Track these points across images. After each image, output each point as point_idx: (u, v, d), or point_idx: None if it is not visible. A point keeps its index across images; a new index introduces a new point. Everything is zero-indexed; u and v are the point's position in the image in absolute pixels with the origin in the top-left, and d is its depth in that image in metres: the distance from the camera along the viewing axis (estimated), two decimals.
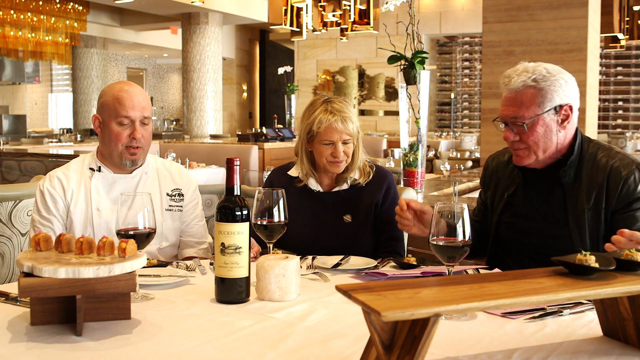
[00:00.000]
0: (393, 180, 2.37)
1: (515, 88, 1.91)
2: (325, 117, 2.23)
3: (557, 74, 1.92)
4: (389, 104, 15.00)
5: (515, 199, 2.06)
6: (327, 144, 2.25)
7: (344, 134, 2.23)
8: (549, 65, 1.95)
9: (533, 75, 1.90)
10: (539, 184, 2.02)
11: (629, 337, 1.28)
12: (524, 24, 4.81)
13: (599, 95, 9.38)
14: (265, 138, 7.56)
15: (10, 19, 12.11)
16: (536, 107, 1.90)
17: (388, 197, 2.32)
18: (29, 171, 6.44)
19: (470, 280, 1.20)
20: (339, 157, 2.24)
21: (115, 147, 2.16)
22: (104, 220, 2.17)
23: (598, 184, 1.91)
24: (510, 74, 1.95)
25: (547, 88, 1.90)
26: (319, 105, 2.27)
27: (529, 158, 1.96)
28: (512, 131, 1.94)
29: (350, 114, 2.26)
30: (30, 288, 1.33)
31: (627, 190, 1.89)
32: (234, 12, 12.98)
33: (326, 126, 2.23)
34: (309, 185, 2.33)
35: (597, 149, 1.98)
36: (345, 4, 8.78)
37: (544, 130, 1.91)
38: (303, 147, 2.32)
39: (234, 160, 1.61)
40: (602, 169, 1.92)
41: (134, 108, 2.13)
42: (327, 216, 2.29)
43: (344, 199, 2.31)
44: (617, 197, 1.89)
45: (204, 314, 1.49)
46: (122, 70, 18.50)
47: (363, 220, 2.29)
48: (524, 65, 1.95)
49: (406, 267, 1.95)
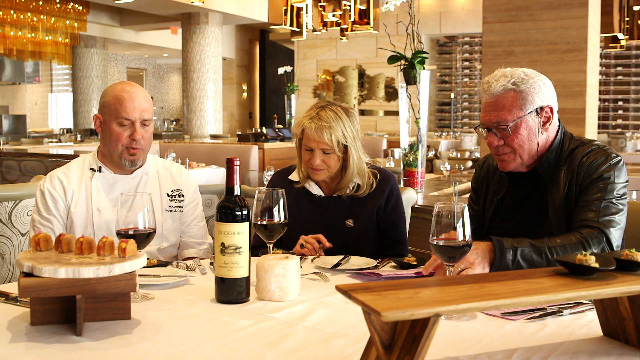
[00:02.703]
0: (396, 183, 2.35)
1: (496, 92, 1.92)
2: (305, 121, 2.21)
3: (535, 77, 1.94)
4: (389, 104, 15.00)
5: (504, 203, 2.07)
6: (307, 149, 2.23)
7: (321, 143, 2.18)
8: (526, 69, 1.96)
9: (512, 79, 1.91)
10: (525, 186, 2.04)
11: (629, 337, 1.28)
12: (524, 24, 4.81)
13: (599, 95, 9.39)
14: (265, 138, 7.56)
15: (10, 19, 12.11)
16: (518, 110, 1.91)
17: (391, 201, 2.31)
18: (29, 171, 6.44)
19: (470, 280, 1.20)
20: (314, 165, 2.21)
21: (115, 147, 2.16)
22: (104, 221, 2.18)
23: (571, 176, 1.93)
24: (489, 80, 1.96)
25: (527, 90, 1.91)
26: (312, 110, 2.25)
27: (514, 162, 1.97)
28: (495, 136, 1.94)
29: (333, 123, 2.17)
30: (30, 288, 1.33)
31: (589, 173, 1.90)
32: (234, 12, 12.99)
33: (304, 132, 2.22)
34: (310, 190, 2.32)
35: (577, 145, 1.99)
36: (345, 4, 8.78)
37: (528, 133, 1.93)
38: (298, 150, 2.32)
39: (234, 160, 1.61)
40: (576, 162, 1.94)
41: (135, 109, 2.13)
42: (329, 220, 2.28)
43: (345, 204, 2.30)
44: (580, 181, 1.91)
45: (204, 314, 1.49)
46: (122, 70, 18.50)
47: (366, 225, 2.28)
48: (501, 71, 1.96)
49: (406, 267, 1.95)
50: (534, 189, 2.02)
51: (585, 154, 1.94)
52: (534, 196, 2.01)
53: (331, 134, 2.17)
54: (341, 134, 2.19)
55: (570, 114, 4.64)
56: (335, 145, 2.18)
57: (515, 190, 2.05)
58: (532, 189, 2.02)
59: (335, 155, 2.21)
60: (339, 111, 2.22)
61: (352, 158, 2.23)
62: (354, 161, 2.24)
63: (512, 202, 2.05)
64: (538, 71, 1.99)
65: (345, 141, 2.20)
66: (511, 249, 1.73)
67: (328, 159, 2.21)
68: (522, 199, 2.04)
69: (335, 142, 2.18)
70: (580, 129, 4.62)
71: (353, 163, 2.24)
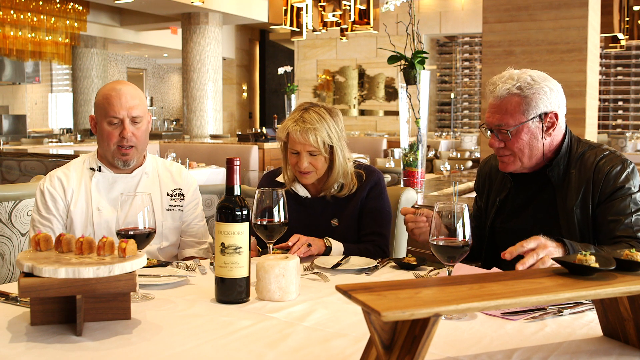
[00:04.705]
0: (380, 179, 2.34)
1: (500, 96, 1.91)
2: (290, 125, 2.21)
3: (542, 82, 1.92)
4: (389, 104, 15.00)
5: (507, 203, 2.07)
6: (293, 152, 2.23)
7: (307, 145, 2.18)
8: (535, 72, 1.94)
9: (518, 83, 1.90)
10: (529, 186, 2.03)
11: (629, 337, 1.28)
12: (524, 24, 4.81)
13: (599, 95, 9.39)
14: (265, 138, 7.56)
15: (10, 19, 12.12)
16: (520, 115, 1.90)
17: (372, 194, 2.30)
18: (29, 171, 6.44)
19: (470, 280, 1.20)
20: (301, 168, 2.21)
21: (107, 146, 2.16)
22: (104, 220, 2.18)
23: (585, 182, 1.92)
24: (495, 80, 1.95)
25: (532, 96, 1.90)
26: (295, 112, 2.25)
27: (514, 165, 1.97)
28: (497, 138, 1.94)
29: (317, 125, 2.17)
30: (30, 288, 1.33)
31: (608, 183, 1.90)
32: (234, 12, 12.99)
33: (289, 135, 2.22)
34: (296, 191, 2.32)
35: (586, 148, 1.98)
36: (345, 4, 8.78)
37: (529, 138, 1.92)
38: (283, 154, 2.32)
39: (234, 160, 1.61)
40: (589, 166, 1.93)
41: (122, 107, 2.12)
42: (315, 221, 2.29)
43: (331, 204, 2.31)
44: (599, 190, 1.91)
45: (204, 314, 1.49)
46: (122, 70, 18.50)
47: (350, 223, 2.29)
48: (509, 72, 1.95)
49: (406, 267, 1.95)
50: (539, 190, 2.01)
51: (600, 159, 1.92)
52: (541, 198, 2.00)
53: (316, 136, 2.18)
54: (326, 134, 2.20)
55: (570, 114, 4.61)
56: (321, 147, 2.19)
57: (519, 190, 2.05)
58: (537, 190, 2.01)
59: (321, 156, 2.22)
60: (323, 112, 2.22)
61: (337, 158, 2.24)
62: (340, 161, 2.25)
63: (516, 203, 2.05)
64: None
65: (331, 142, 2.22)
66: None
67: (315, 160, 2.22)
68: (526, 199, 2.03)
69: (321, 143, 2.19)
70: (580, 129, 4.61)
71: (339, 163, 2.25)
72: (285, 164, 2.33)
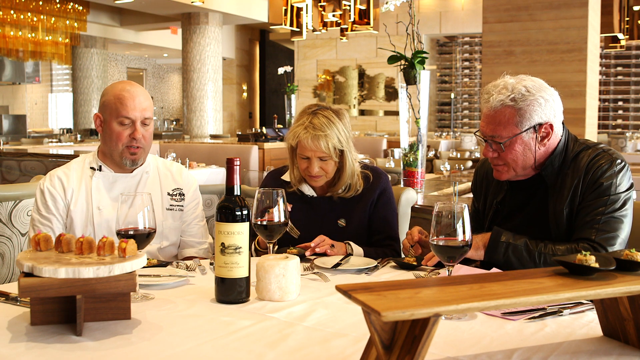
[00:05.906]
0: (387, 182, 2.35)
1: (494, 107, 1.89)
2: (300, 132, 2.19)
3: (537, 93, 1.88)
4: (389, 104, 15.00)
5: (503, 205, 2.06)
6: (303, 157, 2.23)
7: (318, 152, 2.18)
8: (530, 82, 1.90)
9: (512, 94, 1.87)
10: (525, 188, 2.02)
11: (629, 337, 1.28)
12: (524, 24, 4.81)
13: (599, 95, 9.39)
14: (265, 138, 7.56)
15: (10, 19, 12.12)
16: (514, 127, 1.88)
17: (382, 198, 2.32)
18: (29, 171, 6.44)
19: (470, 280, 1.20)
20: (312, 173, 2.22)
21: (115, 146, 2.16)
22: (104, 219, 2.18)
23: (576, 183, 1.90)
24: (490, 90, 1.92)
25: (526, 108, 1.87)
26: (303, 117, 2.23)
27: (508, 174, 1.96)
28: (490, 148, 1.93)
29: (328, 131, 2.17)
30: (30, 288, 1.33)
31: (593, 182, 1.88)
32: (234, 12, 12.99)
33: (299, 142, 2.21)
34: (302, 190, 2.32)
35: (582, 148, 1.96)
36: (345, 4, 8.79)
37: (523, 149, 1.90)
38: (290, 155, 2.31)
39: (234, 160, 1.61)
40: (581, 167, 1.91)
41: (135, 109, 2.13)
42: (321, 221, 2.29)
43: (338, 204, 2.31)
44: (585, 190, 1.89)
45: (204, 314, 1.49)
46: (122, 70, 18.50)
47: (358, 225, 2.29)
48: (504, 82, 1.92)
49: (406, 267, 1.95)
50: (535, 191, 2.00)
51: (591, 159, 1.91)
52: (536, 198, 2.00)
53: (328, 142, 2.17)
54: (337, 140, 2.20)
55: (570, 114, 4.63)
56: (332, 152, 2.19)
57: (516, 192, 2.04)
58: (534, 191, 2.01)
59: (332, 160, 2.22)
60: (332, 116, 2.21)
61: (347, 161, 2.25)
62: (349, 164, 2.25)
63: (513, 204, 2.05)
64: (538, 71, 1.98)
65: (341, 146, 2.22)
66: (505, 243, 1.87)
67: (325, 165, 2.22)
68: (523, 201, 2.03)
69: (332, 149, 2.19)
70: (580, 129, 4.61)
71: (349, 166, 2.25)
72: (292, 165, 2.32)
